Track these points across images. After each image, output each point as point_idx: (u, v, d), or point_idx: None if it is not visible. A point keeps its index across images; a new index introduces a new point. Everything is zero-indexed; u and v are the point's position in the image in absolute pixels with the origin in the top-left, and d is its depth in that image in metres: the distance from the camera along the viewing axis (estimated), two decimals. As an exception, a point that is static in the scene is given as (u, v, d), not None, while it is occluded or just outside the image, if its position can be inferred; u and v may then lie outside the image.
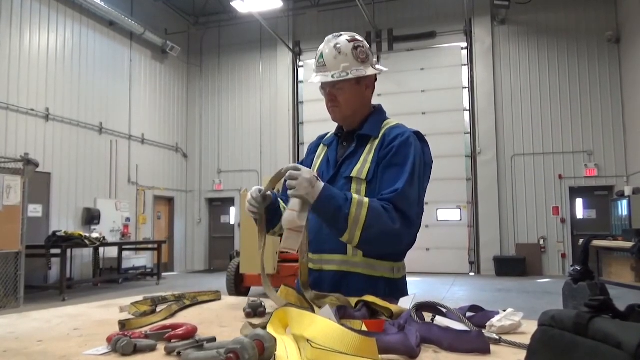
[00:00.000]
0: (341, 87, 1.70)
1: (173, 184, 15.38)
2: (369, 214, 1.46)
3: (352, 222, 1.46)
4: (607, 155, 12.65)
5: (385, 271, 1.66)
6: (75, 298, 9.09)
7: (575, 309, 0.73)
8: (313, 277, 1.67)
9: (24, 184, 8.10)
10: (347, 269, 1.65)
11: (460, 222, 13.61)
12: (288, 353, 0.93)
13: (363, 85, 1.75)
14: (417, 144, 1.66)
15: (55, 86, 11.27)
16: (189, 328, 1.15)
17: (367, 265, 1.64)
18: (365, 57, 1.71)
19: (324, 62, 1.70)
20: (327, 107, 1.77)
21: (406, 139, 1.65)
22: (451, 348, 1.04)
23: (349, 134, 1.78)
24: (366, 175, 1.64)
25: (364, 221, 1.46)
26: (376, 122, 1.76)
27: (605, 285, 5.63)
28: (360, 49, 1.71)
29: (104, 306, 1.71)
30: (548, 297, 8.71)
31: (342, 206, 1.46)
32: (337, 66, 1.67)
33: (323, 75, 1.69)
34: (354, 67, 1.67)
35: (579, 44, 13.06)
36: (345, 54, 1.67)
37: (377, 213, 1.48)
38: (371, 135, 1.72)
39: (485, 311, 1.29)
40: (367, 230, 1.47)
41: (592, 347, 0.66)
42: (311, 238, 1.65)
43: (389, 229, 1.49)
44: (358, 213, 1.46)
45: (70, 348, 1.11)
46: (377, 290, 1.58)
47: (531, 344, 0.77)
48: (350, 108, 1.73)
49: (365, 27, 14.04)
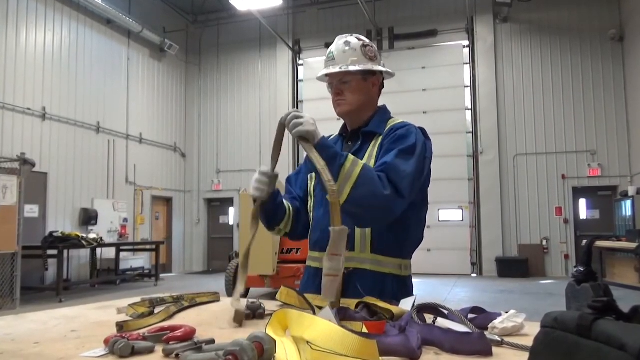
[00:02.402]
0: (348, 80, 1.72)
1: (171, 184, 15.30)
2: (361, 173, 1.46)
3: (343, 176, 1.44)
4: (610, 155, 12.58)
5: (393, 268, 1.66)
6: (72, 299, 9.02)
7: (579, 310, 0.72)
8: (320, 275, 1.60)
9: (20, 184, 8.07)
10: (355, 266, 1.63)
11: (462, 222, 13.53)
12: (287, 355, 0.92)
13: (369, 82, 1.77)
14: (419, 134, 1.68)
15: (52, 85, 11.22)
16: (187, 330, 1.14)
17: (375, 262, 1.64)
18: (374, 55, 1.76)
19: (333, 56, 1.73)
20: (332, 102, 1.78)
21: (408, 129, 1.68)
22: (453, 350, 1.03)
23: (354, 132, 1.80)
24: None
25: (356, 178, 1.45)
26: (381, 121, 1.78)
27: (608, 286, 5.53)
28: (369, 48, 1.76)
29: (102, 308, 1.70)
30: (551, 299, 8.67)
31: (338, 155, 1.46)
32: (345, 59, 1.71)
33: (329, 69, 1.73)
34: (362, 62, 1.71)
35: (582, 42, 12.98)
36: (354, 49, 1.72)
37: (369, 175, 1.47)
38: (376, 132, 1.74)
39: (488, 313, 1.29)
40: (357, 189, 1.44)
41: (595, 349, 0.66)
42: (317, 236, 1.68)
43: (378, 192, 1.46)
44: (351, 169, 1.45)
45: (67, 350, 1.10)
46: (386, 287, 1.61)
47: (534, 346, 0.77)
48: (356, 102, 1.74)
49: (365, 26, 13.97)
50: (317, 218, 1.76)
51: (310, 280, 1.74)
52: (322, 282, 1.37)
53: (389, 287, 1.62)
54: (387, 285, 1.62)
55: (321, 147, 1.45)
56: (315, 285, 1.60)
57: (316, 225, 1.75)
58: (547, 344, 0.74)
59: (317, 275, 1.61)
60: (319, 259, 1.64)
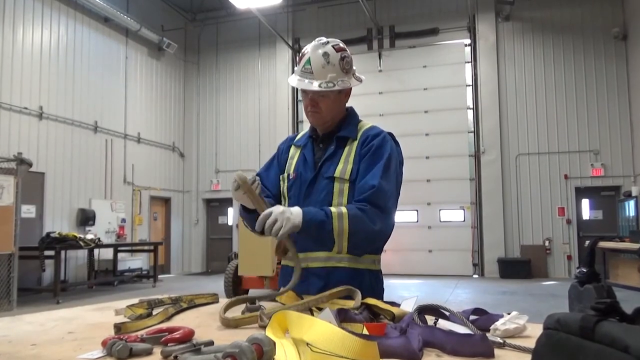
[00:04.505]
0: (325, 95, 1.78)
1: (170, 184, 15.20)
2: (350, 223, 1.61)
3: (336, 235, 1.61)
4: (613, 155, 12.49)
5: (368, 263, 1.79)
6: (69, 301, 8.97)
7: (582, 312, 0.72)
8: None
9: (17, 184, 8.02)
10: (333, 265, 1.74)
11: (463, 223, 13.43)
12: (287, 357, 0.93)
13: (343, 93, 1.85)
14: (391, 142, 1.81)
15: (49, 84, 11.15)
16: (186, 331, 1.14)
17: (352, 259, 1.75)
18: (349, 67, 1.82)
19: (311, 69, 1.77)
20: (305, 111, 1.85)
21: (382, 138, 1.79)
22: (454, 352, 1.03)
23: (326, 135, 1.88)
24: (349, 175, 1.75)
25: (347, 231, 1.61)
26: (353, 125, 1.87)
27: (612, 287, 5.61)
28: (346, 59, 1.80)
29: (99, 309, 1.71)
30: (553, 300, 8.63)
31: (324, 222, 1.59)
32: (324, 76, 1.75)
33: (305, 82, 1.77)
34: (340, 77, 1.77)
35: (585, 40, 12.89)
36: (333, 64, 1.76)
37: (357, 220, 1.62)
38: (349, 137, 1.83)
39: (489, 314, 1.29)
40: (352, 237, 1.63)
41: (598, 351, 0.66)
42: (295, 237, 1.71)
43: (370, 231, 1.64)
44: (340, 225, 1.60)
45: (65, 352, 1.10)
46: (363, 281, 1.72)
47: (536, 348, 0.78)
48: (330, 114, 1.83)
49: (366, 24, 13.90)
50: None
51: (288, 278, 1.78)
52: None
53: (366, 280, 1.75)
54: (364, 280, 1.74)
55: (307, 228, 1.56)
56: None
57: None
58: (550, 346, 0.74)
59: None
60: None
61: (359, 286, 1.54)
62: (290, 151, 1.96)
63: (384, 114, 13.43)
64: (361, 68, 1.98)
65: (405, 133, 11.25)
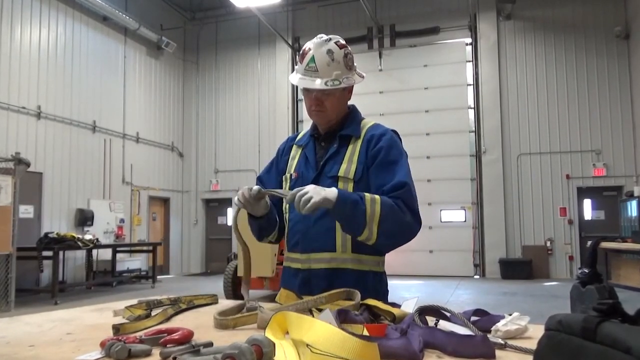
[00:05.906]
0: (331, 93, 1.75)
1: (169, 184, 15.16)
2: (382, 209, 1.57)
3: (369, 218, 1.55)
4: (615, 155, 12.45)
5: (372, 265, 1.76)
6: (67, 302, 8.96)
7: (583, 313, 0.72)
8: (302, 276, 1.75)
9: (14, 184, 8.01)
10: (337, 266, 1.72)
11: (464, 223, 13.39)
12: (287, 358, 0.93)
13: (347, 90, 1.82)
14: (398, 140, 1.80)
15: (47, 83, 11.13)
16: (185, 332, 1.14)
17: (356, 261, 1.72)
18: (352, 63, 1.79)
19: (315, 67, 1.73)
20: (308, 110, 1.82)
21: (390, 137, 1.77)
22: (455, 353, 1.03)
23: (328, 134, 1.85)
24: (354, 175, 1.72)
25: (379, 215, 1.56)
26: (355, 123, 1.84)
27: (614, 288, 5.59)
28: (349, 55, 1.78)
29: (98, 310, 1.71)
30: (555, 301, 8.61)
31: (358, 202, 1.54)
32: (329, 73, 1.72)
33: (311, 80, 1.73)
34: (344, 75, 1.74)
35: (587, 39, 12.84)
36: (338, 61, 1.73)
37: (389, 207, 1.58)
38: (353, 135, 1.80)
39: (491, 315, 1.30)
40: (383, 223, 1.56)
41: (600, 352, 0.66)
42: (298, 238, 1.75)
43: (402, 220, 1.60)
44: (373, 209, 1.55)
45: (63, 353, 1.10)
46: (367, 283, 1.70)
47: (538, 349, 0.78)
48: (335, 112, 1.80)
49: (366, 23, 13.86)
50: (293, 220, 1.80)
51: (291, 279, 1.80)
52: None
53: (370, 282, 1.72)
54: (368, 281, 1.72)
55: (342, 204, 1.52)
56: (296, 285, 1.73)
57: (294, 227, 1.80)
58: (552, 347, 0.74)
59: (296, 276, 1.77)
60: (300, 260, 1.77)
61: (362, 288, 1.52)
62: (291, 151, 1.94)
63: (385, 113, 13.36)
64: (361, 67, 1.92)
65: (405, 133, 11.01)
